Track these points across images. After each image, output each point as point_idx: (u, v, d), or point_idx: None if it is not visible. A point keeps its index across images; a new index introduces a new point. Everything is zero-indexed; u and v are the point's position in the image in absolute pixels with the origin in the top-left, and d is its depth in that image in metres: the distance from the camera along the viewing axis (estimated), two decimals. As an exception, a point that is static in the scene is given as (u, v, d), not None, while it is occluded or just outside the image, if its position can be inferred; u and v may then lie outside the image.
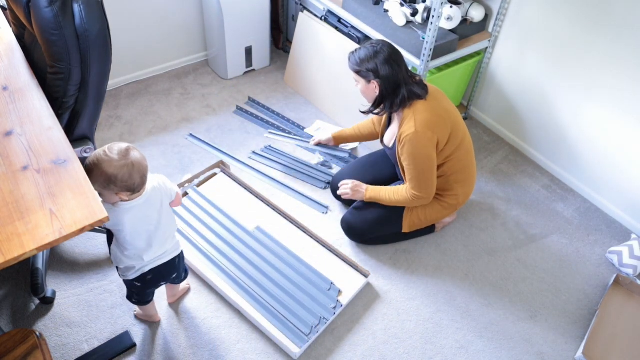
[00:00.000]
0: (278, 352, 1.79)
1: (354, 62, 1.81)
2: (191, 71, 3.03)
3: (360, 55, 1.79)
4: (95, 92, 1.56)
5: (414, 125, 1.76)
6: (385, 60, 1.75)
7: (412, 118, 1.77)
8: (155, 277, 1.58)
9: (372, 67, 1.76)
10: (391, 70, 1.76)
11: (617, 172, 2.28)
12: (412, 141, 1.77)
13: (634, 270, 2.11)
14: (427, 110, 1.78)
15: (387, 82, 1.77)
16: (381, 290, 2.01)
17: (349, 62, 1.84)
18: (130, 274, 1.52)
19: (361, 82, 1.83)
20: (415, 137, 1.76)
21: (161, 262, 1.55)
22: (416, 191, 1.88)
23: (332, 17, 2.70)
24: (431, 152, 1.80)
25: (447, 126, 1.82)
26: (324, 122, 2.74)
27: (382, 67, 1.75)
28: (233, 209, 2.20)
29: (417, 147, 1.78)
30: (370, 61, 1.76)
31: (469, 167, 2.00)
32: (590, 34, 2.12)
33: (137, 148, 1.38)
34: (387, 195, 1.97)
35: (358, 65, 1.80)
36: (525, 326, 1.94)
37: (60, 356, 1.72)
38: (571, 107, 2.34)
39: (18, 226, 1.11)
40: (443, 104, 1.84)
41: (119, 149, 1.32)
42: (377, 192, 1.99)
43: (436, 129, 1.78)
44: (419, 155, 1.79)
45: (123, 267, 1.51)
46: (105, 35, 1.48)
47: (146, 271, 1.53)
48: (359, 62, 1.79)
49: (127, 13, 2.64)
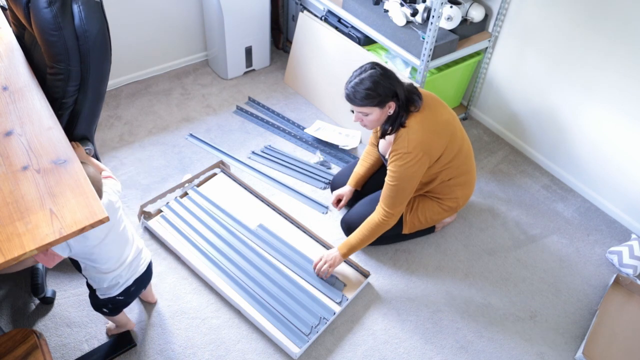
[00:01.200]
0: (278, 352, 1.79)
1: (361, 97, 1.68)
2: (191, 71, 3.03)
3: (365, 86, 1.66)
4: (95, 93, 1.55)
5: (407, 145, 1.73)
6: (388, 76, 1.69)
7: (406, 137, 1.73)
8: (138, 287, 1.59)
9: (385, 91, 1.67)
10: (397, 83, 1.71)
11: (617, 172, 2.28)
12: (401, 160, 1.74)
13: (634, 270, 2.11)
14: (420, 130, 1.73)
15: (402, 95, 1.72)
16: (381, 290, 2.01)
17: (355, 101, 1.70)
18: (114, 290, 1.52)
19: (374, 111, 1.71)
20: (406, 157, 1.73)
21: (142, 271, 1.57)
22: (388, 208, 1.82)
23: (332, 17, 2.70)
24: (418, 173, 1.78)
25: (443, 139, 1.79)
26: (324, 122, 2.74)
27: (393, 84, 1.69)
28: (233, 208, 2.21)
29: (404, 167, 1.75)
30: (378, 86, 1.67)
31: (469, 172, 1.99)
32: (590, 33, 2.12)
33: (93, 163, 1.38)
34: (357, 236, 1.88)
35: (369, 98, 1.67)
36: (525, 326, 1.94)
37: (60, 356, 1.72)
38: (571, 107, 2.34)
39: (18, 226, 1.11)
40: (437, 115, 1.79)
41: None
42: (347, 243, 1.90)
43: (429, 149, 1.75)
44: (404, 175, 1.76)
45: (106, 285, 1.50)
46: (105, 36, 1.48)
47: (130, 283, 1.54)
48: (375, 91, 1.66)
49: (127, 13, 2.64)
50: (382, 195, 1.84)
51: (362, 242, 1.89)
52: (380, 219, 1.84)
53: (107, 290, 1.52)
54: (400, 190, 1.80)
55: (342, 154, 2.56)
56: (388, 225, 1.86)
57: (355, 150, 2.60)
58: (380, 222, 1.85)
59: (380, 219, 1.85)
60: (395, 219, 1.86)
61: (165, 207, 2.16)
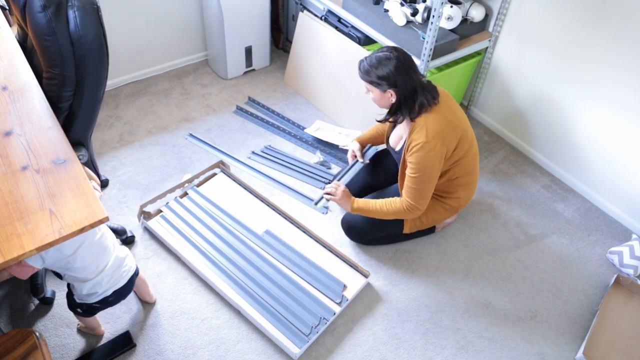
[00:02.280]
0: (278, 352, 1.78)
1: (364, 71, 1.73)
2: (191, 71, 3.03)
3: (370, 62, 1.70)
4: (91, 99, 1.53)
5: (425, 135, 1.71)
6: (399, 67, 1.68)
7: (424, 127, 1.72)
8: (116, 298, 1.59)
9: (384, 75, 1.69)
10: (407, 78, 1.69)
11: (618, 172, 2.28)
12: (421, 151, 1.73)
13: (635, 270, 2.11)
14: (438, 120, 1.73)
15: (404, 90, 1.71)
16: (381, 290, 2.01)
17: (359, 72, 1.75)
18: (92, 298, 1.51)
19: (375, 90, 1.76)
20: (426, 147, 1.72)
21: (123, 283, 1.57)
22: (413, 201, 1.83)
23: (332, 17, 2.70)
24: (438, 164, 1.78)
25: (457, 133, 1.79)
26: (324, 122, 2.73)
27: (397, 75, 1.68)
28: (233, 208, 2.20)
29: (425, 158, 1.74)
30: (381, 69, 1.68)
31: (474, 172, 1.99)
32: (590, 33, 2.11)
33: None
34: (377, 206, 1.89)
35: (368, 74, 1.72)
36: (526, 326, 1.94)
37: (60, 356, 1.72)
38: (571, 107, 2.33)
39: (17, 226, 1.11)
40: (453, 110, 1.80)
41: None
42: (365, 202, 1.92)
43: (446, 140, 1.75)
44: (426, 165, 1.76)
45: (85, 292, 1.49)
46: (101, 41, 1.45)
47: (109, 294, 1.54)
48: (369, 71, 1.71)
49: (127, 13, 2.63)
50: (406, 188, 1.84)
51: (377, 213, 1.90)
52: (403, 207, 1.85)
53: (85, 297, 1.51)
54: (425, 181, 1.79)
55: (342, 154, 2.56)
56: (407, 216, 1.88)
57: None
58: (401, 210, 1.86)
59: (403, 207, 1.85)
60: (417, 213, 1.86)
61: (165, 207, 2.16)
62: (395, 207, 1.87)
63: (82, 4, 1.39)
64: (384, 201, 1.90)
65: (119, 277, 1.55)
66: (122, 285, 1.57)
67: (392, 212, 1.88)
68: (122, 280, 1.56)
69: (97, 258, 1.47)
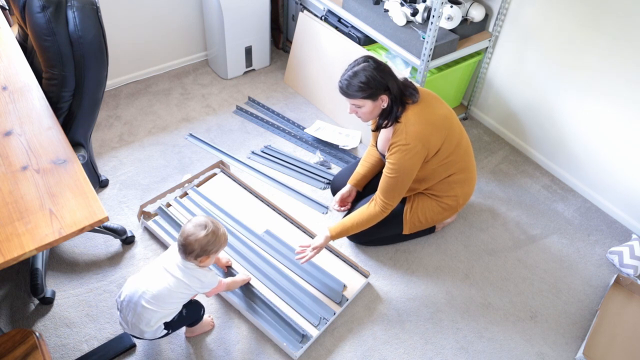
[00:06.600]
0: (278, 352, 1.78)
1: (359, 87, 1.69)
2: (191, 71, 3.03)
3: (362, 78, 1.68)
4: (91, 99, 1.53)
5: (405, 137, 1.74)
6: (380, 69, 1.70)
7: (404, 130, 1.74)
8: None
9: (373, 83, 1.68)
10: (391, 77, 1.72)
11: (618, 172, 2.28)
12: (400, 152, 1.75)
13: (635, 270, 2.11)
14: (418, 122, 1.74)
15: (395, 89, 1.72)
16: (381, 290, 2.01)
17: (351, 91, 1.71)
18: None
19: (367, 104, 1.73)
20: (405, 149, 1.74)
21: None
22: (388, 200, 1.83)
23: (332, 17, 2.70)
24: (416, 165, 1.79)
25: (441, 133, 1.79)
26: (324, 122, 2.73)
27: (383, 77, 1.70)
28: (233, 208, 2.20)
29: (403, 159, 1.76)
30: (366, 78, 1.68)
31: (468, 169, 1.99)
32: (590, 33, 2.11)
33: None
34: (352, 221, 1.87)
35: (366, 88, 1.69)
36: (526, 326, 1.94)
37: (60, 356, 1.72)
38: (571, 107, 2.33)
39: (17, 226, 1.11)
40: (435, 109, 1.80)
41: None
42: (341, 225, 1.88)
43: (426, 141, 1.76)
44: (404, 167, 1.77)
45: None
46: (100, 42, 1.44)
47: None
48: (367, 84, 1.68)
49: (127, 12, 2.63)
50: (381, 187, 1.85)
51: (355, 228, 1.89)
52: (378, 209, 1.86)
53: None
54: (400, 182, 1.81)
55: (342, 154, 2.56)
56: (383, 216, 1.88)
57: (355, 150, 2.60)
58: (377, 213, 1.86)
59: (377, 210, 1.86)
60: (390, 210, 1.88)
61: (162, 208, 2.16)
62: (369, 213, 1.87)
63: (81, 4, 1.39)
64: (357, 213, 1.89)
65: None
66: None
67: (368, 219, 1.87)
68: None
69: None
